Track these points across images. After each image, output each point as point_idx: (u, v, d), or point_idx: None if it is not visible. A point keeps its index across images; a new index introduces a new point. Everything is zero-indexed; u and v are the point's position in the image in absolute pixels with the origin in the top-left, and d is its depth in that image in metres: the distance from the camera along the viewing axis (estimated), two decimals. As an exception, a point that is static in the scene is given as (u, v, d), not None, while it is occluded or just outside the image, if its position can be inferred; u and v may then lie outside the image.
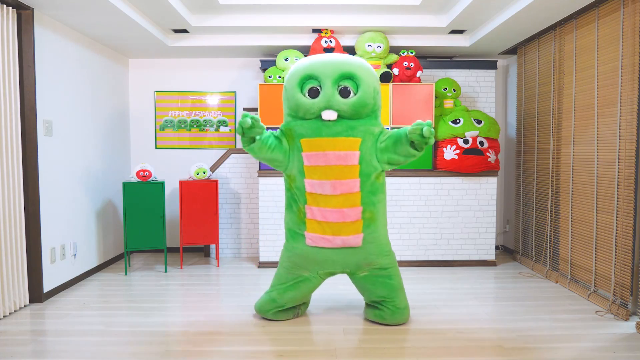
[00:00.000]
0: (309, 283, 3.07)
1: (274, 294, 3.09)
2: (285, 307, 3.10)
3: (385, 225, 3.03)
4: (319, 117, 2.87)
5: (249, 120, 2.75)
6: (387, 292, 3.01)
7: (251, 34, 4.56)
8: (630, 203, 3.13)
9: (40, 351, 2.67)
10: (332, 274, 3.08)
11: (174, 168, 5.24)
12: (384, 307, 3.03)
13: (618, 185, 3.25)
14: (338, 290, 3.79)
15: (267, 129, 4.45)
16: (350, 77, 2.84)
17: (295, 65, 3.01)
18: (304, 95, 2.87)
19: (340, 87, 2.84)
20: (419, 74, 4.53)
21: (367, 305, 3.18)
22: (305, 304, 3.26)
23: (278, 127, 4.44)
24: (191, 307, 3.41)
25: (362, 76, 2.85)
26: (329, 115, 2.83)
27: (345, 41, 4.60)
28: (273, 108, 4.41)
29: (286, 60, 4.51)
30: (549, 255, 4.22)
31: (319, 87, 2.85)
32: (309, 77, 2.87)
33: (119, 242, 4.91)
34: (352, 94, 2.85)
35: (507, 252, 5.25)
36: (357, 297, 3.56)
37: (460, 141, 4.35)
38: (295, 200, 3.00)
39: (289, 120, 3.00)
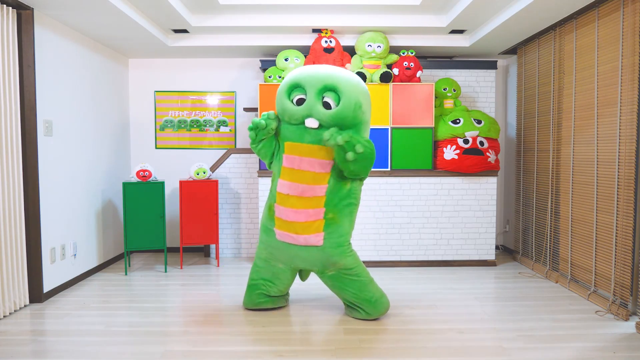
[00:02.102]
0: (285, 275, 3.22)
1: (261, 285, 3.25)
2: (275, 296, 3.30)
3: (349, 227, 3.11)
4: (303, 123, 3.03)
5: (264, 122, 2.99)
6: (357, 289, 3.10)
7: (251, 34, 4.57)
8: (630, 203, 3.13)
9: (40, 351, 2.67)
10: (302, 269, 3.25)
11: (174, 168, 5.24)
12: (363, 305, 3.11)
13: (618, 185, 3.26)
14: (338, 290, 3.79)
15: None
16: (332, 89, 2.96)
17: (289, 73, 3.16)
18: (291, 102, 3.04)
19: (323, 98, 2.97)
20: (419, 74, 4.53)
21: (347, 307, 3.25)
22: (288, 293, 3.44)
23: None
24: (191, 307, 3.41)
25: (344, 90, 2.95)
26: (311, 123, 2.98)
27: (345, 41, 4.60)
28: (273, 108, 4.42)
29: (286, 60, 4.51)
30: (549, 255, 4.22)
31: (304, 96, 3.01)
32: (296, 86, 3.04)
33: (119, 242, 4.91)
34: (333, 106, 2.96)
35: (507, 252, 5.25)
36: (357, 297, 3.56)
37: (460, 141, 4.35)
38: (270, 197, 3.20)
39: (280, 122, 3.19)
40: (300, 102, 3.01)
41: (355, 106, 2.95)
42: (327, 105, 2.96)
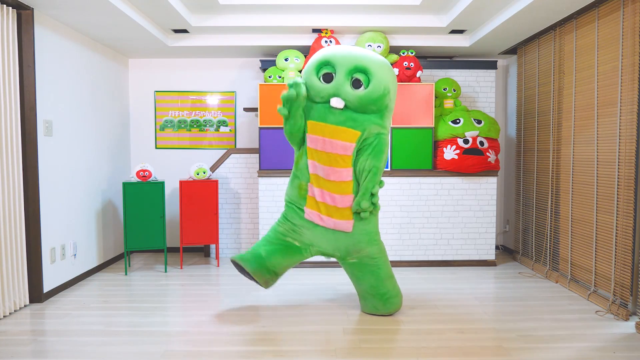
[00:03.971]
0: (297, 254, 3.19)
1: (261, 251, 3.18)
2: (266, 268, 3.16)
3: (375, 214, 3.15)
4: (328, 102, 2.98)
5: (294, 92, 2.92)
6: (375, 280, 3.12)
7: (251, 34, 4.57)
8: (630, 203, 3.13)
9: (40, 351, 2.67)
10: (323, 253, 3.20)
11: (174, 168, 5.24)
12: (376, 298, 3.14)
13: (618, 185, 3.25)
14: (338, 290, 3.79)
15: (267, 129, 4.45)
16: (363, 70, 2.92)
17: (319, 51, 3.11)
18: (319, 79, 2.99)
19: (353, 79, 2.94)
20: (419, 74, 4.53)
21: (361, 298, 3.28)
22: (278, 276, 3.28)
23: (278, 127, 4.45)
24: (191, 307, 3.41)
25: (375, 72, 2.92)
26: (337, 102, 2.94)
27: (345, 41, 4.60)
28: (273, 108, 4.41)
29: (286, 60, 4.51)
30: (549, 255, 4.21)
31: (333, 74, 2.96)
32: (326, 63, 2.99)
33: (119, 242, 4.91)
34: (362, 87, 2.92)
35: (507, 252, 5.25)
36: (356, 297, 3.56)
37: (460, 141, 4.35)
38: (298, 176, 3.15)
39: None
40: (327, 78, 2.97)
41: (384, 91, 2.93)
42: (356, 85, 2.92)
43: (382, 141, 3.02)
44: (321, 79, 2.99)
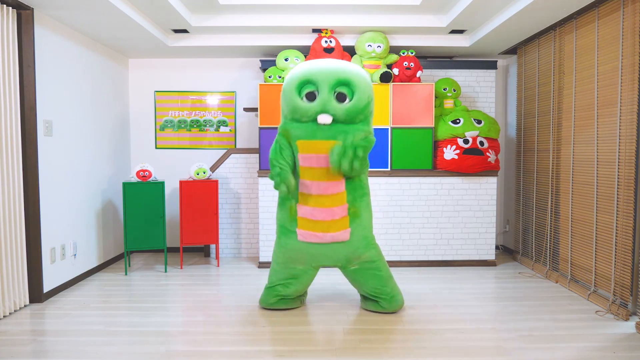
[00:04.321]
0: (306, 275, 3.24)
1: (279, 288, 3.26)
2: (290, 297, 3.30)
3: (369, 219, 3.19)
4: (315, 120, 2.99)
5: (285, 189, 3.00)
6: (377, 283, 3.19)
7: (251, 34, 4.56)
8: (630, 203, 3.13)
9: (40, 351, 2.67)
10: (325, 266, 3.26)
11: (174, 168, 5.24)
12: (379, 298, 3.20)
13: (618, 185, 3.25)
14: (338, 290, 3.79)
15: (267, 129, 4.45)
16: (346, 83, 2.96)
17: (294, 69, 3.10)
18: (302, 99, 2.99)
19: (336, 93, 2.96)
20: (419, 74, 4.53)
21: (363, 297, 3.34)
22: (305, 292, 3.46)
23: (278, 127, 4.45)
24: (191, 307, 3.41)
25: (357, 83, 2.96)
26: (324, 119, 2.96)
27: (345, 41, 4.60)
28: (273, 108, 4.42)
29: (286, 60, 4.51)
30: (549, 255, 4.22)
31: (316, 92, 2.97)
32: (306, 82, 2.98)
33: (119, 242, 4.91)
34: (347, 99, 2.96)
35: (507, 252, 5.25)
36: (356, 297, 3.56)
37: (460, 141, 4.35)
38: (288, 198, 3.16)
39: (286, 122, 3.11)
40: (310, 97, 2.97)
41: (367, 99, 2.99)
42: (341, 99, 2.95)
43: (370, 139, 3.04)
44: (304, 98, 2.98)
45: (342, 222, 3.06)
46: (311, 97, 2.97)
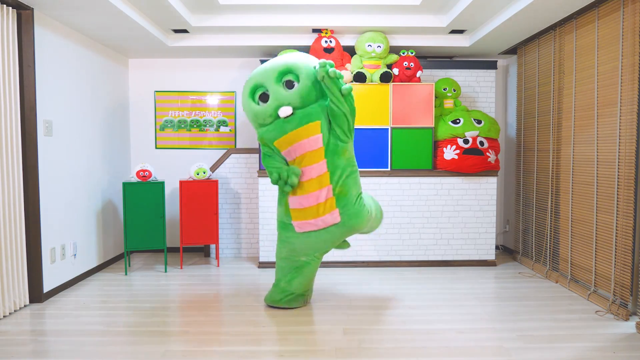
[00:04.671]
0: (310, 266, 3.29)
1: (282, 284, 3.31)
2: (295, 294, 3.32)
3: (357, 194, 3.18)
4: (278, 117, 3.07)
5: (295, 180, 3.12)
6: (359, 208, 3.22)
7: (251, 34, 4.56)
8: (630, 203, 3.13)
9: (40, 351, 2.67)
10: (327, 251, 3.30)
11: (174, 168, 5.24)
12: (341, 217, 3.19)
13: (618, 185, 3.25)
14: (338, 290, 3.79)
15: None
16: (288, 71, 3.05)
17: (245, 83, 3.22)
18: (258, 104, 3.11)
19: (284, 83, 3.05)
20: (419, 74, 4.53)
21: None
22: (310, 290, 3.47)
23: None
24: (191, 307, 3.41)
25: (298, 66, 3.04)
26: (285, 111, 3.03)
27: (345, 41, 4.60)
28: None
29: (286, 60, 4.51)
30: (549, 255, 4.21)
31: (266, 92, 3.07)
32: (255, 87, 3.11)
33: (119, 242, 4.91)
34: (295, 84, 3.03)
35: (507, 252, 5.25)
36: (357, 297, 3.56)
37: (460, 141, 4.35)
38: (284, 194, 3.26)
39: (258, 131, 3.23)
40: (264, 98, 3.08)
41: (314, 75, 3.03)
42: (290, 85, 3.03)
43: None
44: (259, 103, 3.10)
45: (329, 204, 3.09)
46: (265, 98, 3.08)
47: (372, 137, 4.46)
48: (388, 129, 4.47)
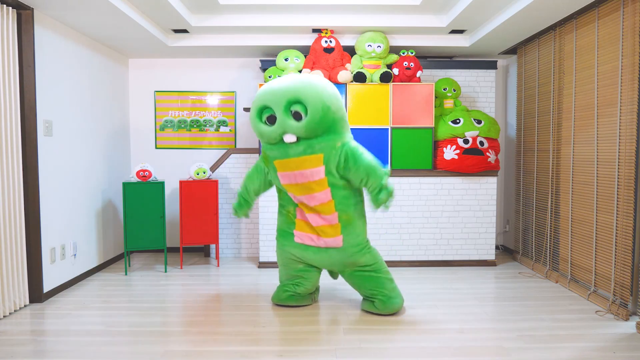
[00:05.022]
0: (309, 273, 3.32)
1: (289, 287, 3.36)
2: (301, 295, 3.37)
3: (363, 225, 3.21)
4: (282, 141, 3.06)
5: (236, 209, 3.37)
6: (375, 284, 3.21)
7: (251, 34, 4.56)
8: (630, 203, 3.13)
9: (40, 351, 2.67)
10: (315, 267, 3.33)
11: (174, 168, 5.24)
12: (375, 298, 3.22)
13: (618, 185, 3.25)
14: (338, 290, 3.79)
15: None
16: (296, 101, 2.94)
17: (256, 95, 3.15)
18: (265, 124, 3.07)
19: (292, 112, 2.97)
20: (419, 74, 4.53)
21: (363, 298, 3.36)
22: (318, 288, 3.54)
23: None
24: (191, 307, 3.41)
25: (307, 98, 2.92)
26: (289, 138, 3.00)
27: (345, 41, 4.60)
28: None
29: (286, 60, 4.51)
30: (549, 255, 4.22)
31: (274, 114, 3.02)
32: (264, 107, 3.05)
33: (119, 242, 4.91)
34: (303, 116, 2.95)
35: (507, 252, 5.25)
36: (357, 298, 3.56)
37: (460, 141, 4.35)
38: (284, 204, 3.29)
39: (263, 145, 3.24)
40: (271, 120, 3.02)
41: (322, 111, 2.92)
42: (297, 117, 2.96)
43: (350, 147, 3.03)
44: (266, 122, 3.05)
45: (334, 229, 3.10)
46: (272, 120, 3.02)
47: (372, 137, 4.46)
48: (388, 129, 4.47)
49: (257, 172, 3.31)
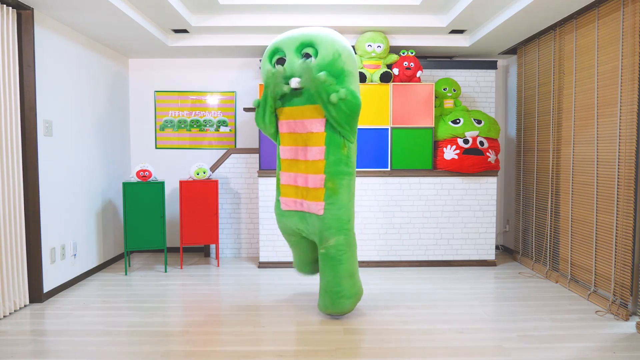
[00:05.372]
0: (302, 245, 3.35)
1: (295, 256, 3.48)
2: (307, 263, 3.44)
3: (348, 203, 3.06)
4: (288, 84, 3.05)
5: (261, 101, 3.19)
6: (333, 277, 3.03)
7: (251, 34, 4.56)
8: (630, 203, 3.13)
9: (40, 351, 2.67)
10: (306, 238, 3.27)
11: (174, 168, 5.24)
12: (328, 295, 3.07)
13: (618, 185, 3.25)
14: (338, 290, 3.79)
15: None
16: (310, 44, 2.98)
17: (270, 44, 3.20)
18: (273, 66, 3.09)
19: (303, 55, 3.01)
20: (419, 74, 4.53)
21: (320, 295, 3.18)
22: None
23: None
24: (191, 307, 3.41)
25: (320, 41, 2.96)
26: (295, 83, 3.00)
27: (345, 41, 4.60)
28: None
29: (286, 60, 4.51)
30: (549, 255, 4.21)
31: (284, 57, 3.05)
32: (276, 51, 3.09)
33: (119, 242, 4.91)
34: (312, 60, 2.97)
35: (507, 252, 5.25)
36: (357, 297, 3.56)
37: (460, 141, 4.35)
38: (277, 167, 3.32)
39: (268, 99, 3.17)
40: (280, 62, 3.06)
41: (333, 55, 2.93)
42: (307, 58, 2.98)
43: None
44: (275, 66, 3.07)
45: (317, 193, 3.02)
46: (281, 62, 3.06)
47: (372, 137, 4.46)
48: (388, 129, 4.47)
49: (263, 112, 3.20)
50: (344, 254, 3.01)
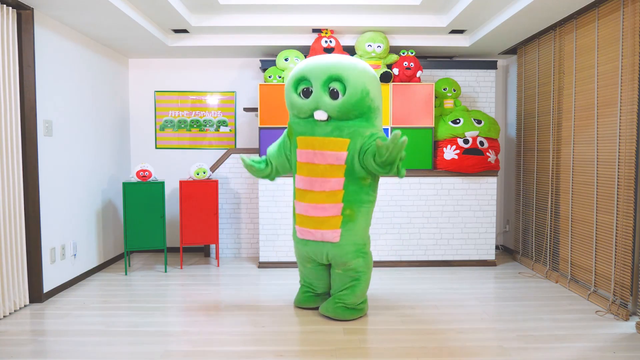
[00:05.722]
0: (318, 271, 3.28)
1: (305, 285, 3.38)
2: (317, 293, 3.34)
3: (365, 228, 3.10)
4: (312, 116, 3.00)
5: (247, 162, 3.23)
6: (348, 294, 3.11)
7: (251, 34, 4.57)
8: (630, 203, 3.13)
9: (40, 351, 2.67)
10: (323, 264, 3.26)
11: (174, 168, 5.24)
12: (334, 302, 3.13)
13: (618, 185, 3.25)
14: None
15: (267, 129, 4.46)
16: (338, 79, 2.90)
17: (295, 67, 3.16)
18: (299, 96, 3.02)
19: (330, 89, 2.93)
20: (419, 74, 4.53)
21: (327, 299, 3.28)
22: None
23: (278, 127, 4.46)
24: (191, 307, 3.41)
25: (349, 78, 2.88)
26: (320, 115, 2.95)
27: (345, 41, 4.60)
28: (273, 108, 4.42)
29: (286, 60, 4.51)
30: (549, 255, 4.22)
31: (311, 88, 2.97)
32: (302, 79, 3.00)
33: (119, 242, 4.91)
34: (340, 95, 2.91)
35: (507, 252, 5.25)
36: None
37: (460, 141, 4.35)
38: (293, 196, 3.22)
39: (291, 118, 3.17)
40: (306, 94, 2.97)
41: (362, 94, 2.89)
42: (334, 95, 2.91)
43: (380, 137, 2.96)
44: (301, 95, 3.01)
45: (334, 221, 2.99)
46: (307, 93, 2.98)
47: (372, 137, 4.45)
48: (388, 129, 4.47)
49: (279, 147, 3.24)
50: (363, 275, 3.12)
